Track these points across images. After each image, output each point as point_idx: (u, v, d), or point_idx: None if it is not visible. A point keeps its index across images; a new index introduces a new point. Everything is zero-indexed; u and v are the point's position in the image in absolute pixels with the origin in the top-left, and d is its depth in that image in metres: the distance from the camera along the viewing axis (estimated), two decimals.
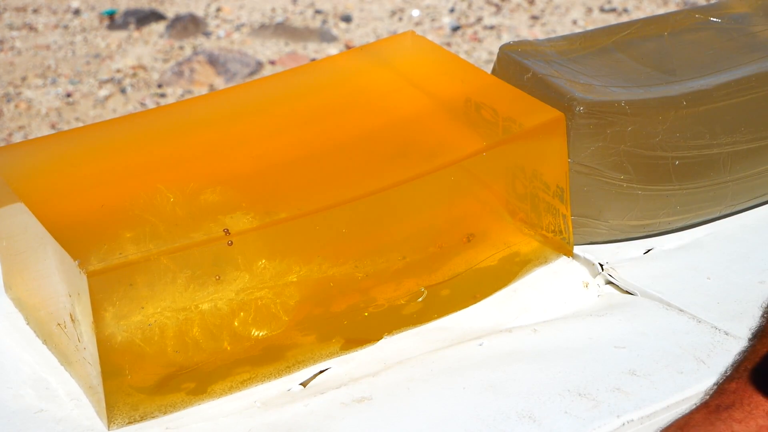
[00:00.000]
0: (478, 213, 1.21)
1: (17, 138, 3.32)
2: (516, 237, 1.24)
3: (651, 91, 1.30)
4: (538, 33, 3.80)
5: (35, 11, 4.04)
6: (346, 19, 3.95)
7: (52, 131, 3.34)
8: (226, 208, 1.10)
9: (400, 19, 3.96)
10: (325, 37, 3.84)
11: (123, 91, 3.58)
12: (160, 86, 3.61)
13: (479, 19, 3.92)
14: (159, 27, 3.92)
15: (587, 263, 1.27)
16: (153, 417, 1.08)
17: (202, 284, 1.07)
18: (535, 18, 3.91)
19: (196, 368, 1.08)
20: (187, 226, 1.08)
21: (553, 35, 2.19)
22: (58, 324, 1.12)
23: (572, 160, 1.25)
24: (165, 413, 1.08)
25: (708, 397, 0.94)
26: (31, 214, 1.09)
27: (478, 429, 1.06)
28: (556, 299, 1.24)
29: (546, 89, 1.28)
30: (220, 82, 3.61)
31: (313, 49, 3.78)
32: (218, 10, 4.04)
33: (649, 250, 1.30)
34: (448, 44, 3.77)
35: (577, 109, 1.25)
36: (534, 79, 1.30)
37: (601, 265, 1.26)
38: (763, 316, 0.98)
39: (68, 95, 3.56)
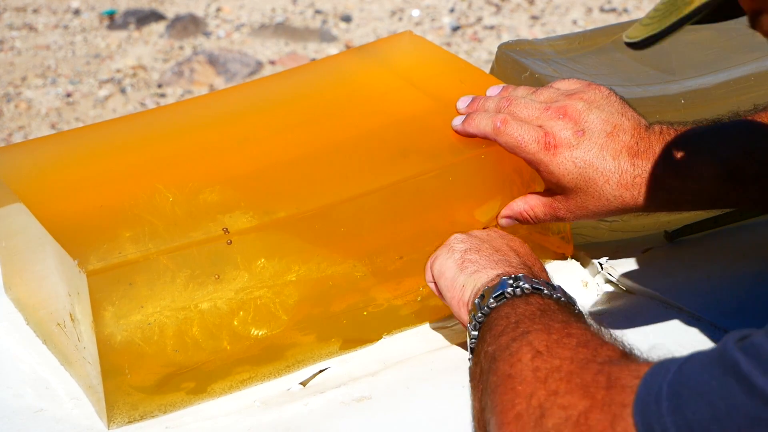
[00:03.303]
0: (477, 213, 1.21)
1: (17, 138, 3.32)
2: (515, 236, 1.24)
3: (649, 90, 1.30)
4: (537, 33, 3.80)
5: (35, 11, 4.04)
6: (346, 19, 3.95)
7: (52, 131, 3.34)
8: (225, 207, 1.10)
9: (400, 19, 3.96)
10: (325, 37, 3.84)
11: (123, 91, 3.59)
12: (160, 86, 3.61)
13: (479, 19, 3.92)
14: (159, 27, 3.92)
15: (587, 262, 1.27)
16: (153, 416, 1.08)
17: (202, 283, 1.07)
18: (535, 18, 3.91)
19: (196, 368, 1.08)
20: (186, 226, 1.08)
21: (552, 35, 2.19)
22: (58, 324, 1.12)
23: None
24: (165, 413, 1.08)
25: None
26: (30, 214, 1.09)
27: None
28: None
29: None
30: (220, 82, 3.61)
31: (313, 49, 3.78)
32: (218, 10, 4.04)
33: (648, 249, 1.29)
34: (448, 44, 3.77)
35: None
36: (532, 79, 1.30)
37: (601, 264, 1.26)
38: None
39: (68, 95, 3.57)
